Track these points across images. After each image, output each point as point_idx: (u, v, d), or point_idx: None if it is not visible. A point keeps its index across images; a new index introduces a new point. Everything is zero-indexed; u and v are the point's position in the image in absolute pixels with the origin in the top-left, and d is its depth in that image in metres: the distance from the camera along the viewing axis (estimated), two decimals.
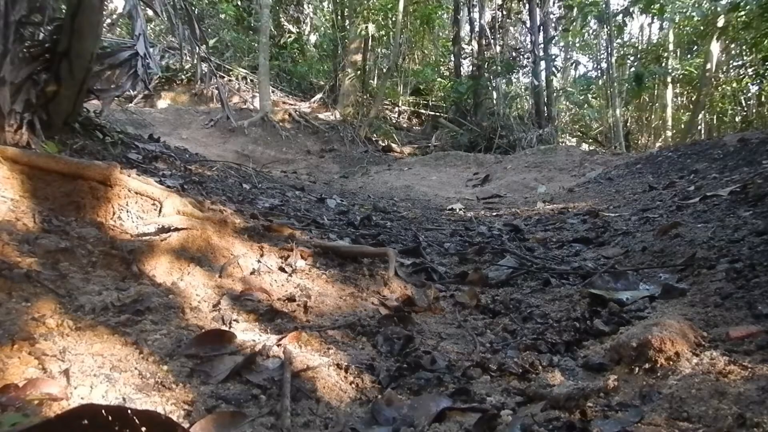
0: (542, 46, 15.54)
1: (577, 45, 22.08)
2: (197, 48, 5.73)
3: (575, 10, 15.33)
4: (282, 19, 18.12)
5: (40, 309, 1.40)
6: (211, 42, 16.16)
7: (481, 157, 11.91)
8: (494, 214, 5.69)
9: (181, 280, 1.86)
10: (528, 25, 16.48)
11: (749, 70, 17.56)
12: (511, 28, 18.77)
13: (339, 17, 17.90)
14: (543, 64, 15.51)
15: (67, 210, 2.08)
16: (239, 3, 17.70)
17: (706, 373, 1.31)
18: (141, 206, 2.28)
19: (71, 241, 1.83)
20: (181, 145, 7.47)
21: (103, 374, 1.21)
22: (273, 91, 15.66)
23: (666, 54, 19.36)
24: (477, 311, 2.22)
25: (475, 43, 17.59)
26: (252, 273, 2.13)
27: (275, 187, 5.42)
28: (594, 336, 1.82)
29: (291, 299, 1.93)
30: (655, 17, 18.22)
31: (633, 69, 18.41)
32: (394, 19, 15.39)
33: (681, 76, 19.26)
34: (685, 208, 3.82)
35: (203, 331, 1.54)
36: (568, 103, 20.05)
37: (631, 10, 14.43)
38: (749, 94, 19.64)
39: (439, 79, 18.81)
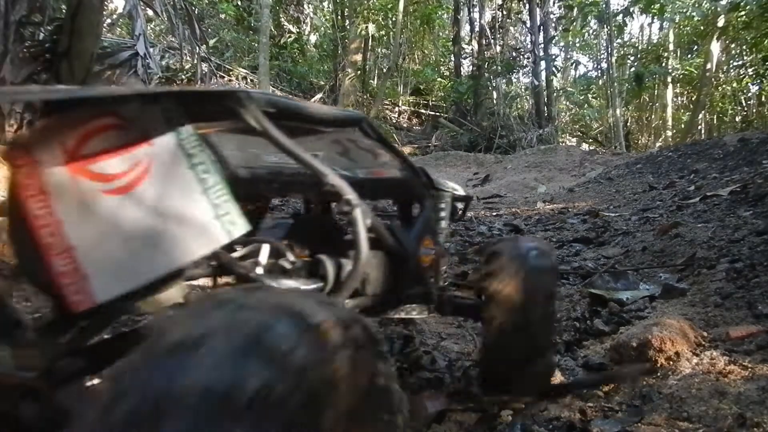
0: (542, 46, 15.55)
1: (577, 45, 22.06)
2: (197, 48, 5.73)
3: (575, 10, 15.32)
4: (282, 19, 18.09)
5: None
6: (211, 42, 16.13)
7: (481, 157, 11.92)
8: (494, 213, 5.69)
9: None
10: (528, 25, 16.49)
11: (749, 70, 17.55)
12: (511, 28, 18.74)
13: (339, 17, 17.89)
14: (543, 64, 15.52)
15: None
16: (239, 3, 17.67)
17: (706, 373, 1.31)
18: None
19: None
20: None
21: None
22: (273, 91, 15.66)
23: (666, 54, 19.35)
24: None
25: (475, 43, 17.59)
26: None
27: None
28: (594, 336, 1.82)
29: None
30: (655, 17, 18.20)
31: (633, 69, 18.41)
32: (394, 19, 15.39)
33: (681, 76, 19.25)
34: (685, 208, 3.82)
35: None
36: (568, 103, 20.05)
37: (631, 10, 14.43)
38: (749, 94, 19.65)
39: (439, 79, 18.82)
